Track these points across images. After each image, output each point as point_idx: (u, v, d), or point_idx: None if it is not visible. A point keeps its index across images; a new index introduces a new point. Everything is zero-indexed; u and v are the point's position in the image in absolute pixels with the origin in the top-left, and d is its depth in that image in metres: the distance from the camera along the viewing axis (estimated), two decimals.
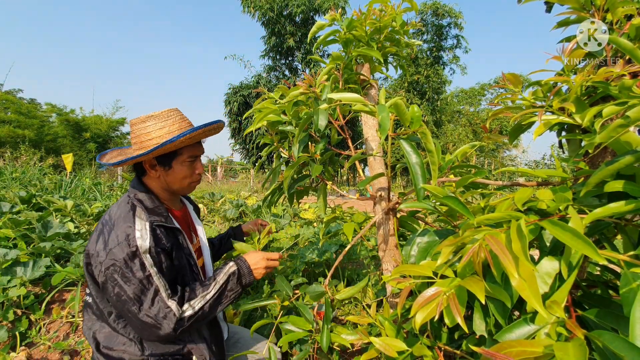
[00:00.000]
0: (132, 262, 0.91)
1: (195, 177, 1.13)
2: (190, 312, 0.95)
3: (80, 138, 14.29)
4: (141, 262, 0.91)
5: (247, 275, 1.07)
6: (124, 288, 0.90)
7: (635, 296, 0.42)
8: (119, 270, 0.90)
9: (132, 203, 1.02)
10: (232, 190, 9.31)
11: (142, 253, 0.92)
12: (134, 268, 0.91)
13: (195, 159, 1.12)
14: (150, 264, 0.93)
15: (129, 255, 0.91)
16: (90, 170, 8.19)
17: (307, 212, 4.29)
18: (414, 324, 0.57)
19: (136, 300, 0.90)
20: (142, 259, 0.92)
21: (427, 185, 0.70)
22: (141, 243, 0.93)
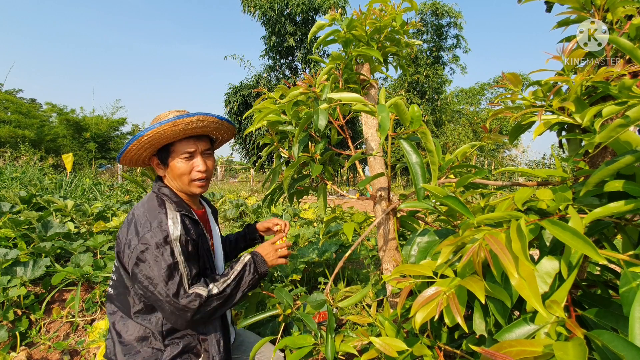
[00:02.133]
0: (163, 247, 0.95)
1: (195, 174, 1.09)
2: (216, 291, 0.99)
3: (81, 138, 14.30)
4: (171, 249, 0.96)
5: (262, 263, 1.12)
6: (154, 271, 0.94)
7: (635, 296, 0.42)
8: (151, 254, 0.94)
9: (160, 197, 1.07)
10: (232, 190, 9.30)
11: (173, 240, 0.97)
12: (165, 253, 0.95)
13: (191, 156, 1.09)
14: (179, 252, 0.97)
15: (161, 240, 0.95)
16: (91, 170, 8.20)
17: (307, 211, 4.30)
18: (414, 323, 0.57)
19: (164, 284, 0.94)
20: (172, 246, 0.96)
21: (427, 185, 0.70)
22: (173, 230, 0.98)
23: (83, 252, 2.36)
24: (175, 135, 1.04)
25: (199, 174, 1.10)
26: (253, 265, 1.10)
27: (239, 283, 1.06)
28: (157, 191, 1.09)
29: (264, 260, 1.14)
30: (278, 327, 1.78)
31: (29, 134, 12.53)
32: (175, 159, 1.08)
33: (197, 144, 1.10)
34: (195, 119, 1.03)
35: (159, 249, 0.94)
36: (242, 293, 1.07)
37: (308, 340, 0.95)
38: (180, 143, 1.07)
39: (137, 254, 0.95)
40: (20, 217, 2.57)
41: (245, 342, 1.33)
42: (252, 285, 1.09)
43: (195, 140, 1.09)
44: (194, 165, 1.09)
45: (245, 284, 1.07)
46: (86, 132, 14.32)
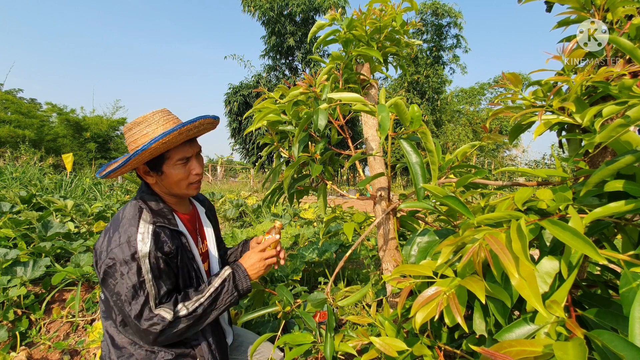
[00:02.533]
0: (129, 265, 0.91)
1: (193, 178, 1.07)
2: (184, 313, 0.95)
3: (81, 138, 14.30)
4: (138, 267, 0.92)
5: (243, 279, 1.05)
6: (119, 289, 0.91)
7: (635, 296, 0.42)
8: (117, 271, 0.91)
9: (139, 206, 1.02)
10: (232, 190, 9.30)
11: (141, 257, 0.92)
12: (131, 271, 0.91)
13: (188, 160, 1.06)
14: (147, 270, 0.93)
15: (128, 257, 0.92)
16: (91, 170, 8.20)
17: (307, 211, 4.30)
18: (414, 323, 0.57)
19: (127, 303, 0.91)
20: (140, 263, 0.92)
21: (427, 185, 0.70)
22: (141, 247, 0.93)
23: (83, 252, 2.36)
24: (176, 143, 1.00)
25: (196, 177, 1.08)
26: (232, 282, 1.03)
27: (214, 302, 1.00)
28: (138, 199, 1.05)
29: (246, 274, 1.06)
30: (278, 327, 1.78)
31: (29, 134, 12.53)
32: (171, 165, 1.03)
33: (192, 148, 1.07)
34: (197, 124, 1.01)
35: (125, 266, 0.91)
36: (217, 312, 1.00)
37: (307, 338, 0.95)
38: (177, 149, 1.03)
39: (105, 268, 0.92)
40: (21, 217, 2.57)
41: (245, 343, 1.33)
42: (229, 304, 1.02)
43: (190, 144, 1.06)
44: (190, 169, 1.06)
45: (221, 303, 1.01)
46: (86, 132, 14.33)
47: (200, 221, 1.24)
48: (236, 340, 1.33)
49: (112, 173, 1.01)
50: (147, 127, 1.02)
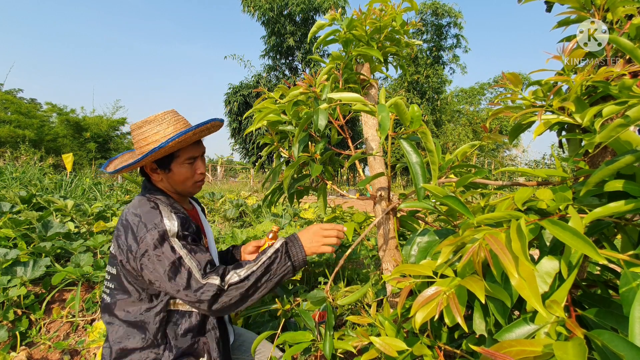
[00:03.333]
0: (162, 245, 0.94)
1: (198, 177, 1.13)
2: (235, 280, 0.94)
3: (81, 138, 14.30)
4: (171, 246, 0.94)
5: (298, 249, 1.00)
6: (160, 270, 0.93)
7: (635, 296, 0.42)
8: (153, 255, 0.94)
9: (152, 200, 1.05)
10: (232, 190, 9.31)
11: (171, 237, 0.96)
12: (166, 251, 0.94)
13: (195, 160, 1.11)
14: (180, 246, 0.95)
15: (159, 239, 0.94)
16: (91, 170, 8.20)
17: (307, 211, 4.29)
18: (414, 323, 0.57)
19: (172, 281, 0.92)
20: (171, 242, 0.95)
21: (427, 184, 0.70)
22: (170, 227, 0.97)
23: (83, 252, 2.36)
24: (189, 142, 1.06)
25: (201, 176, 1.14)
26: (285, 252, 0.99)
27: (267, 271, 0.96)
28: (147, 195, 1.08)
29: (300, 245, 1.01)
30: (278, 326, 1.78)
31: (29, 134, 12.53)
32: (179, 163, 1.08)
33: (200, 149, 1.13)
34: (209, 126, 1.07)
35: (158, 248, 0.94)
36: (271, 284, 0.97)
37: (306, 337, 0.96)
38: (187, 148, 1.08)
39: (140, 258, 0.95)
40: (21, 217, 2.57)
41: (246, 343, 1.33)
42: (283, 274, 0.98)
43: (198, 144, 1.12)
44: (196, 169, 1.12)
45: (275, 273, 0.97)
46: (86, 132, 14.33)
47: (200, 219, 1.27)
48: (237, 340, 1.33)
49: (126, 168, 1.06)
50: (157, 125, 1.07)
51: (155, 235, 0.94)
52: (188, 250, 0.96)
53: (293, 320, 1.88)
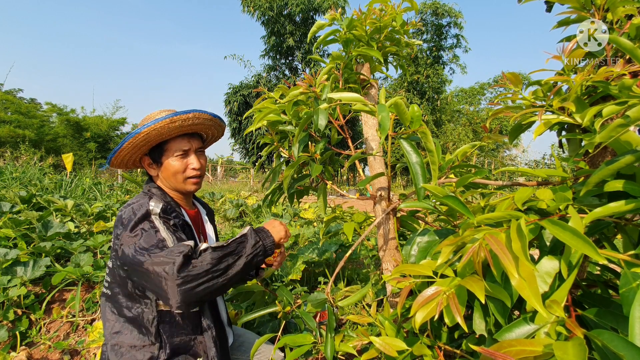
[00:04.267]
0: (142, 223, 0.95)
1: (189, 172, 1.10)
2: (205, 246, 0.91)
3: (81, 138, 14.29)
4: (151, 222, 0.95)
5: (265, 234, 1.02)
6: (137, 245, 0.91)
7: (635, 296, 0.42)
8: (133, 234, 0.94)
9: (148, 195, 1.07)
10: (232, 190, 9.31)
11: (152, 215, 0.97)
12: (145, 226, 0.94)
13: (185, 154, 1.10)
14: (159, 223, 0.96)
15: (140, 217, 0.95)
16: (91, 170, 8.20)
17: (307, 211, 4.29)
18: (414, 323, 0.57)
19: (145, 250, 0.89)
20: (152, 219, 0.96)
21: (427, 184, 0.70)
22: (152, 208, 0.98)
23: (83, 252, 2.36)
24: (171, 132, 1.05)
25: (194, 172, 1.11)
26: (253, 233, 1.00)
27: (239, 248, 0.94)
28: (147, 191, 1.09)
29: (267, 231, 1.04)
30: (278, 327, 1.78)
31: (29, 133, 12.53)
32: (170, 157, 1.08)
33: (191, 142, 1.11)
34: (191, 116, 1.05)
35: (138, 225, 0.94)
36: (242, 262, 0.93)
37: (307, 339, 0.95)
38: (175, 141, 1.08)
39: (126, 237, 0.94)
40: (21, 217, 2.57)
41: (246, 343, 1.33)
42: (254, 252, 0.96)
43: (189, 138, 1.11)
44: (188, 163, 1.10)
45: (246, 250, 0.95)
46: (86, 132, 14.32)
47: (203, 221, 1.27)
48: (237, 340, 1.33)
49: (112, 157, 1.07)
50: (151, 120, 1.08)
51: (138, 215, 0.95)
52: (167, 227, 0.96)
53: (293, 320, 1.88)
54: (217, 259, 0.89)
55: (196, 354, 1.04)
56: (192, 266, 0.85)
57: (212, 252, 0.90)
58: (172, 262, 0.84)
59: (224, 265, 0.90)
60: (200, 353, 1.05)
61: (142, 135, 1.02)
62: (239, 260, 0.93)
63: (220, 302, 1.23)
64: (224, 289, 0.93)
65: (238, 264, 0.93)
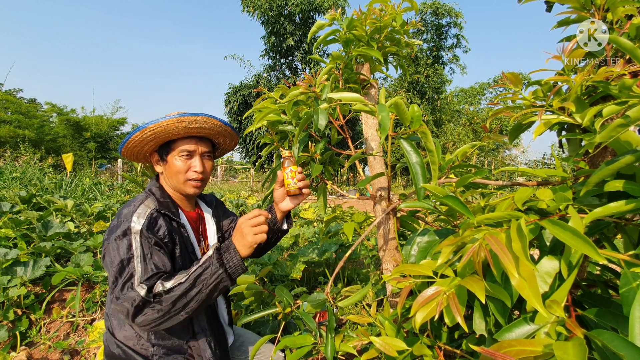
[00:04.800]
0: (121, 240, 0.95)
1: (191, 174, 1.09)
2: (159, 290, 0.90)
3: (81, 138, 14.30)
4: (129, 242, 0.95)
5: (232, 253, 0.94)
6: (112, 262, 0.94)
7: (635, 296, 0.42)
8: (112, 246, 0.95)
9: (146, 195, 1.08)
10: (232, 189, 9.31)
11: (133, 233, 0.96)
12: (122, 246, 0.94)
13: (191, 155, 1.09)
14: (136, 247, 0.95)
15: (121, 233, 0.96)
16: (91, 170, 8.20)
17: (307, 211, 4.29)
18: (414, 323, 0.57)
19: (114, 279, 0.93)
20: (131, 239, 0.95)
21: (427, 184, 0.70)
22: (134, 225, 0.97)
23: (83, 252, 2.36)
24: (178, 132, 1.05)
25: (195, 174, 1.09)
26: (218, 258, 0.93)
27: (196, 282, 0.90)
28: (147, 190, 1.10)
29: (234, 249, 0.95)
30: (278, 327, 1.78)
31: (29, 133, 12.53)
32: (175, 156, 1.08)
33: (198, 145, 1.10)
34: (199, 118, 1.05)
35: (118, 241, 0.95)
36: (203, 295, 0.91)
37: (308, 340, 0.95)
38: (182, 141, 1.08)
39: (105, 247, 0.97)
40: (21, 217, 2.57)
41: (246, 343, 1.33)
42: (215, 283, 0.92)
43: (197, 140, 1.10)
44: (191, 165, 1.09)
45: (206, 284, 0.91)
46: (86, 132, 14.33)
47: (204, 222, 1.25)
48: (237, 341, 1.33)
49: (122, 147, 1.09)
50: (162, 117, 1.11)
51: (121, 229, 0.96)
52: (143, 253, 0.94)
53: (293, 321, 1.88)
54: (172, 302, 0.89)
55: (192, 356, 1.05)
56: (144, 315, 0.89)
57: (165, 296, 0.89)
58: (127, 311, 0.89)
59: (182, 304, 0.90)
60: (195, 356, 1.05)
61: (148, 130, 1.03)
62: (199, 294, 0.91)
63: (221, 301, 1.23)
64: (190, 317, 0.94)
65: (198, 297, 0.91)
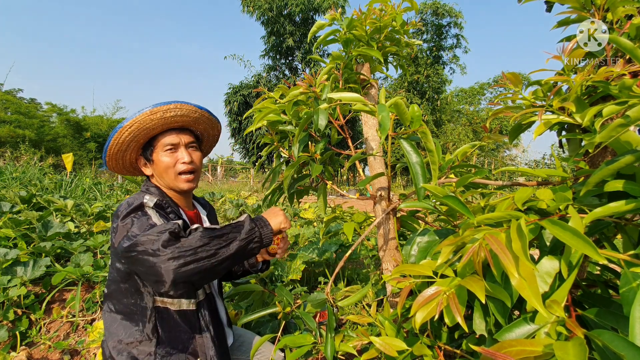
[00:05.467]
0: (135, 213, 0.95)
1: (180, 166, 1.08)
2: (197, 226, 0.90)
3: (81, 138, 14.31)
4: (145, 212, 0.96)
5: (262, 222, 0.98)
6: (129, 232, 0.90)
7: (635, 295, 0.42)
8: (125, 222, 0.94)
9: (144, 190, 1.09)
10: (232, 189, 9.31)
11: (146, 207, 0.97)
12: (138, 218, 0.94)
13: (175, 148, 1.09)
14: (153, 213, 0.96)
15: (134, 208, 0.96)
16: (91, 170, 8.20)
17: (307, 211, 4.29)
18: (414, 323, 0.57)
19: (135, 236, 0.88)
20: (146, 210, 0.97)
21: (427, 184, 0.70)
22: (147, 201, 0.99)
23: (83, 252, 2.36)
24: (154, 125, 1.04)
25: (184, 166, 1.09)
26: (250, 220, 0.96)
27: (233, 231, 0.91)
28: (144, 190, 1.10)
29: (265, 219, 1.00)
30: (278, 327, 1.78)
31: (29, 133, 12.54)
32: (159, 152, 1.08)
33: (180, 137, 1.11)
34: (172, 106, 1.04)
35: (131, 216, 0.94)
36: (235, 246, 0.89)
37: (308, 340, 0.95)
38: (163, 136, 1.08)
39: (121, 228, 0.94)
40: (21, 217, 2.57)
41: (246, 343, 1.33)
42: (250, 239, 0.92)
43: (177, 132, 1.11)
44: (178, 158, 1.10)
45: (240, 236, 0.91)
46: (86, 132, 14.34)
47: (202, 222, 1.26)
48: (237, 341, 1.33)
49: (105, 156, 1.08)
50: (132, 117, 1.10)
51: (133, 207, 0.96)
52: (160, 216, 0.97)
53: (293, 320, 1.88)
54: (208, 238, 0.86)
55: (195, 353, 1.04)
56: (179, 243, 0.84)
57: (203, 231, 0.87)
58: (158, 239, 0.83)
59: (215, 246, 0.87)
60: (199, 352, 1.04)
61: (125, 129, 1.01)
62: (232, 243, 0.89)
63: (220, 302, 1.23)
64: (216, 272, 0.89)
65: (231, 247, 0.89)
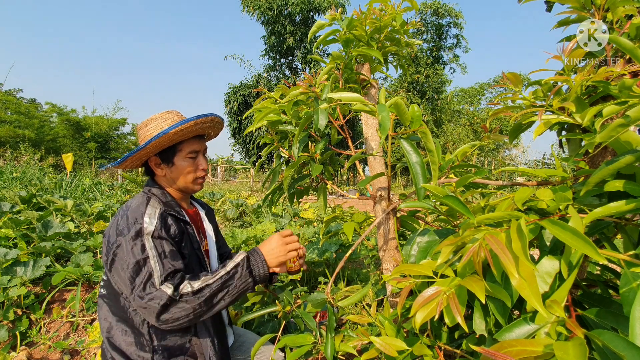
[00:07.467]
0: (134, 241, 0.94)
1: (200, 172, 1.14)
2: (188, 290, 0.91)
3: (81, 138, 14.31)
4: (142, 244, 0.94)
5: (260, 264, 0.99)
6: (125, 266, 0.93)
7: (635, 295, 0.42)
8: (124, 249, 0.94)
9: (147, 196, 1.07)
10: (232, 189, 9.31)
11: (146, 235, 0.95)
12: (135, 248, 0.93)
13: (197, 155, 1.13)
14: (151, 247, 0.95)
15: (134, 234, 0.95)
16: (91, 170, 8.21)
17: (307, 211, 4.29)
18: (414, 323, 0.57)
19: (131, 280, 0.92)
20: (144, 240, 0.95)
21: (427, 184, 0.70)
22: (147, 225, 0.96)
23: (83, 252, 2.36)
24: (191, 133, 1.08)
25: (203, 172, 1.15)
26: (246, 267, 0.97)
27: (224, 286, 0.93)
28: (147, 191, 1.10)
29: (263, 260, 1.00)
30: (278, 327, 1.78)
31: (29, 133, 12.54)
32: (182, 157, 1.10)
33: (201, 144, 1.14)
34: (210, 119, 1.09)
35: (130, 242, 0.94)
36: (228, 299, 0.94)
37: (308, 339, 0.95)
38: (189, 142, 1.11)
39: (114, 250, 0.95)
40: (21, 217, 2.57)
41: (246, 343, 1.33)
42: (242, 290, 0.96)
43: (199, 139, 1.14)
44: (198, 164, 1.14)
45: (233, 288, 0.94)
46: (86, 132, 14.34)
47: (202, 221, 1.27)
48: (237, 341, 1.33)
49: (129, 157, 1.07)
50: (162, 122, 1.11)
51: (132, 231, 0.95)
52: (158, 253, 0.94)
53: (293, 320, 1.88)
54: (199, 302, 0.91)
55: (194, 355, 1.04)
56: (170, 313, 0.89)
57: (194, 296, 0.90)
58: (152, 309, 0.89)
59: (208, 305, 0.92)
60: (198, 354, 1.04)
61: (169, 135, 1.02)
62: (225, 297, 0.94)
63: None
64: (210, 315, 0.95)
65: (224, 300, 0.94)
